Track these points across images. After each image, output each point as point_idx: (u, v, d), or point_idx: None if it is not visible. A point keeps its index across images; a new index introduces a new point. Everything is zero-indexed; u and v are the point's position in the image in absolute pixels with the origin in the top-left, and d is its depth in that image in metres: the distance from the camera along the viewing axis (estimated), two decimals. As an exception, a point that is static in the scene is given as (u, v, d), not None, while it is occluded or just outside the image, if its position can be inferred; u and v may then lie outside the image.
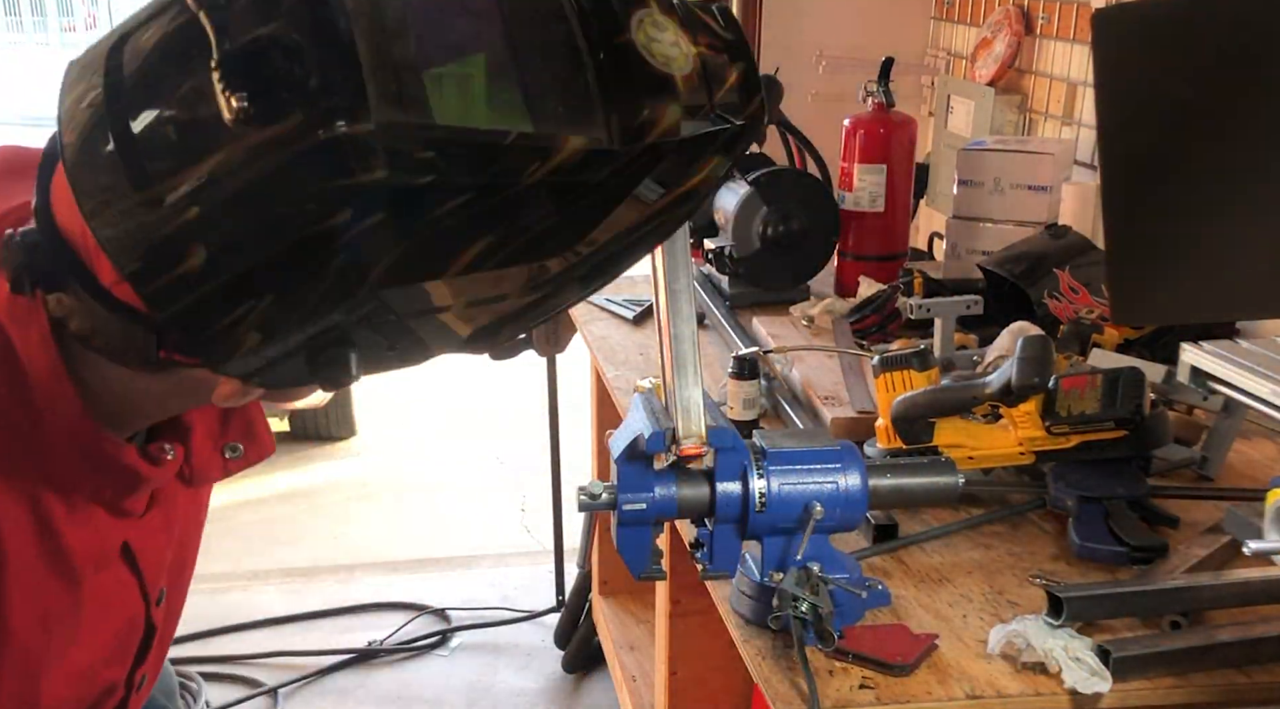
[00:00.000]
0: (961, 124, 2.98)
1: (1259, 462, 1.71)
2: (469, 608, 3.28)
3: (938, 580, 1.38)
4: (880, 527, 1.46)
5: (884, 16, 3.33)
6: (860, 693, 1.16)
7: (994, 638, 1.22)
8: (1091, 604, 1.25)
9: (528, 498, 3.93)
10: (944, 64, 3.24)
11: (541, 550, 3.43)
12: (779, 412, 1.84)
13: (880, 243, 2.41)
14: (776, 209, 2.31)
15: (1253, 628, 1.24)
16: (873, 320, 2.14)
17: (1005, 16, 2.83)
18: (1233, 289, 1.17)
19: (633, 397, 1.29)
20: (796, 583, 1.21)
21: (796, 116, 2.60)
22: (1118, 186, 1.15)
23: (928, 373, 1.56)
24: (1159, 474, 1.62)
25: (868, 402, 1.76)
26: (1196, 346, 1.56)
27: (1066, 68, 2.63)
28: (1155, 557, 1.39)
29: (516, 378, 4.26)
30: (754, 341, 2.06)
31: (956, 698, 1.16)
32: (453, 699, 2.96)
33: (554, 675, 3.05)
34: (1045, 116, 2.72)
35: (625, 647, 2.66)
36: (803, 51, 3.20)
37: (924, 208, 3.13)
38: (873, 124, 2.36)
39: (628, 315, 2.34)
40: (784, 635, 1.23)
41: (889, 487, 1.26)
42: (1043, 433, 1.50)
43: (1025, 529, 1.51)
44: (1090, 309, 1.89)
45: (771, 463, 1.23)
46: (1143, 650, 1.19)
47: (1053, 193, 2.33)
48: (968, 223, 2.40)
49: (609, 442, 1.24)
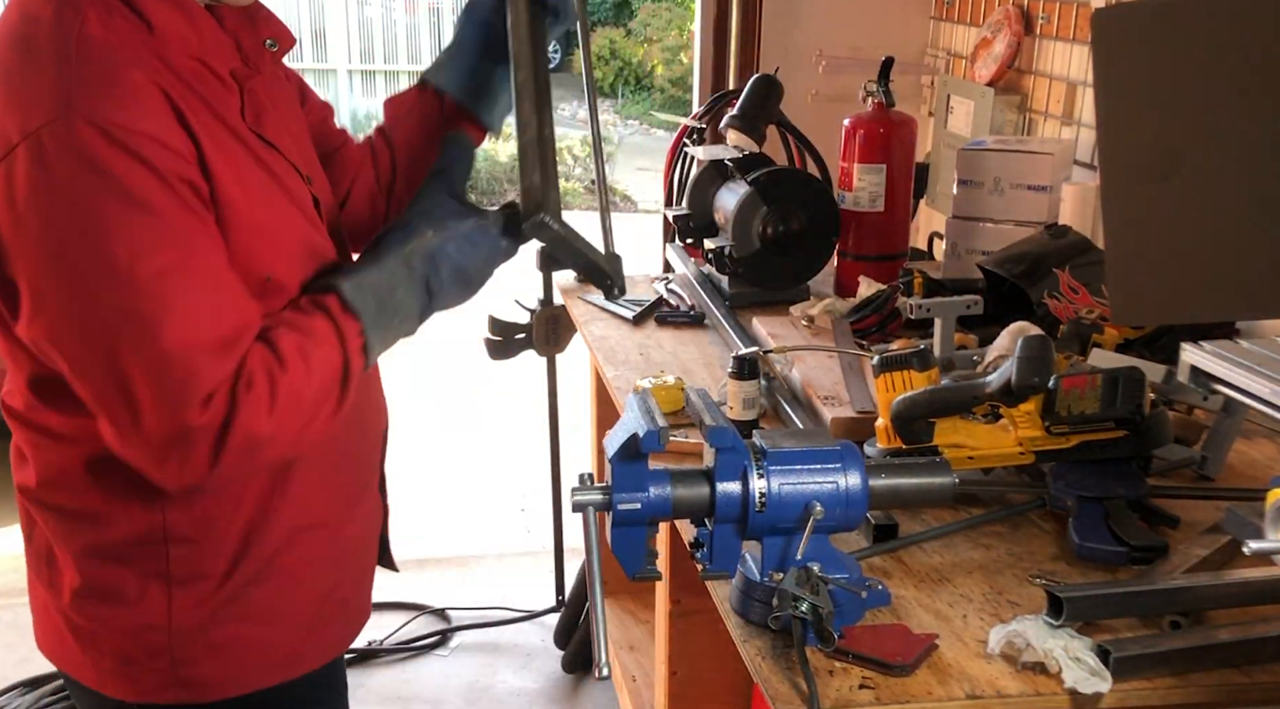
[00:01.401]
0: (961, 124, 2.98)
1: (1259, 462, 1.71)
2: (469, 608, 3.28)
3: (938, 580, 1.38)
4: (880, 527, 1.46)
5: (884, 16, 3.33)
6: (860, 693, 1.16)
7: (994, 638, 1.22)
8: (1091, 604, 1.25)
9: (528, 498, 3.93)
10: (944, 64, 3.24)
11: (541, 550, 3.43)
12: (779, 412, 1.84)
13: (880, 243, 2.41)
14: (776, 209, 2.31)
15: (1252, 628, 1.24)
16: (873, 320, 2.14)
17: (1005, 16, 2.83)
18: (1233, 289, 1.17)
19: (628, 396, 1.29)
20: (796, 583, 1.20)
21: (796, 116, 2.60)
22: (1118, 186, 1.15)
23: (928, 373, 1.56)
24: (1159, 474, 1.62)
25: (868, 402, 1.76)
26: (1196, 346, 1.56)
27: (1066, 68, 2.63)
28: (1155, 557, 1.39)
29: (516, 378, 4.26)
30: (754, 341, 2.06)
31: (956, 698, 1.16)
32: (452, 699, 2.96)
33: (554, 675, 3.05)
34: (1045, 116, 2.72)
35: (625, 647, 2.66)
36: (803, 51, 3.20)
37: (924, 208, 3.12)
38: (873, 124, 2.36)
39: (628, 315, 2.34)
40: (784, 635, 1.23)
41: (884, 487, 1.26)
42: (1043, 433, 1.50)
43: (1025, 529, 1.51)
44: (1090, 309, 1.89)
45: (771, 463, 1.23)
46: (1143, 650, 1.19)
47: (1053, 193, 2.33)
48: (968, 223, 2.40)
49: (605, 441, 1.24)
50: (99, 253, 1.02)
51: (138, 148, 1.02)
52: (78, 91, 1.02)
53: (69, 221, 1.01)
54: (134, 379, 1.05)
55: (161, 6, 1.12)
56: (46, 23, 1.06)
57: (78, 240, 1.02)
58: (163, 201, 1.04)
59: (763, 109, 2.46)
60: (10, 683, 2.90)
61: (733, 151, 2.43)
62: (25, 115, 1.02)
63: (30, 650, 1.37)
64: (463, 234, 1.22)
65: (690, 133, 2.73)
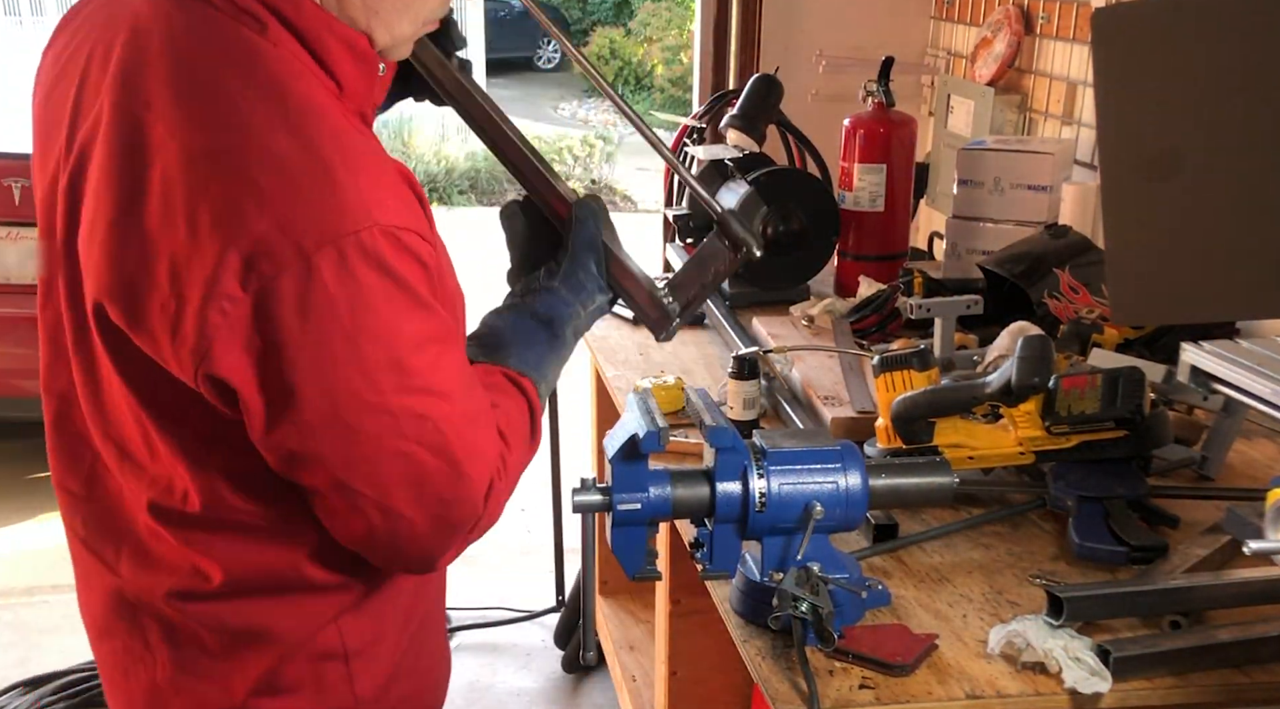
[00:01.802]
0: (961, 124, 2.98)
1: (1259, 462, 1.71)
2: (469, 608, 3.28)
3: (938, 580, 1.38)
4: (880, 527, 1.46)
5: (884, 16, 3.32)
6: (860, 693, 1.16)
7: (994, 638, 1.22)
8: (1091, 604, 1.25)
9: (528, 498, 3.93)
10: (944, 64, 3.24)
11: (541, 550, 3.42)
12: (779, 412, 1.84)
13: (880, 243, 2.41)
14: (776, 209, 2.31)
15: (1253, 628, 1.24)
16: (873, 320, 2.14)
17: (1005, 16, 2.83)
18: (1233, 289, 1.17)
19: (628, 396, 1.29)
20: (796, 583, 1.20)
21: (796, 116, 2.60)
22: (1118, 186, 1.15)
23: (928, 373, 1.56)
24: (1159, 474, 1.62)
25: (868, 402, 1.76)
26: (1196, 346, 1.56)
27: (1066, 68, 2.63)
28: (1155, 557, 1.39)
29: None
30: (754, 341, 2.06)
31: (956, 698, 1.16)
32: (453, 699, 2.95)
33: (554, 675, 3.05)
34: (1045, 116, 2.72)
35: (625, 647, 2.66)
36: (803, 51, 3.20)
37: (924, 208, 3.12)
38: (873, 124, 2.36)
39: (628, 315, 2.34)
40: (784, 635, 1.23)
41: (884, 487, 1.26)
42: (1043, 433, 1.50)
43: (1025, 529, 1.51)
44: (1090, 309, 1.89)
45: (771, 463, 1.23)
46: (1143, 650, 1.19)
47: (1053, 193, 2.33)
48: (968, 223, 2.40)
49: (605, 441, 1.24)
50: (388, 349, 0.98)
51: (415, 248, 0.99)
52: (369, 198, 0.96)
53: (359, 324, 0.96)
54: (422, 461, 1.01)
55: (346, 59, 1.05)
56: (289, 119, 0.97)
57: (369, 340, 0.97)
58: (430, 294, 1.01)
59: (763, 109, 2.46)
60: (10, 683, 2.90)
61: (733, 151, 2.43)
62: (319, 223, 0.94)
63: (30, 650, 1.36)
64: (600, 307, 1.23)
65: (690, 133, 2.73)
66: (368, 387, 0.97)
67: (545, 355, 1.18)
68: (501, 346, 1.16)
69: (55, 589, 3.26)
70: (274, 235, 0.92)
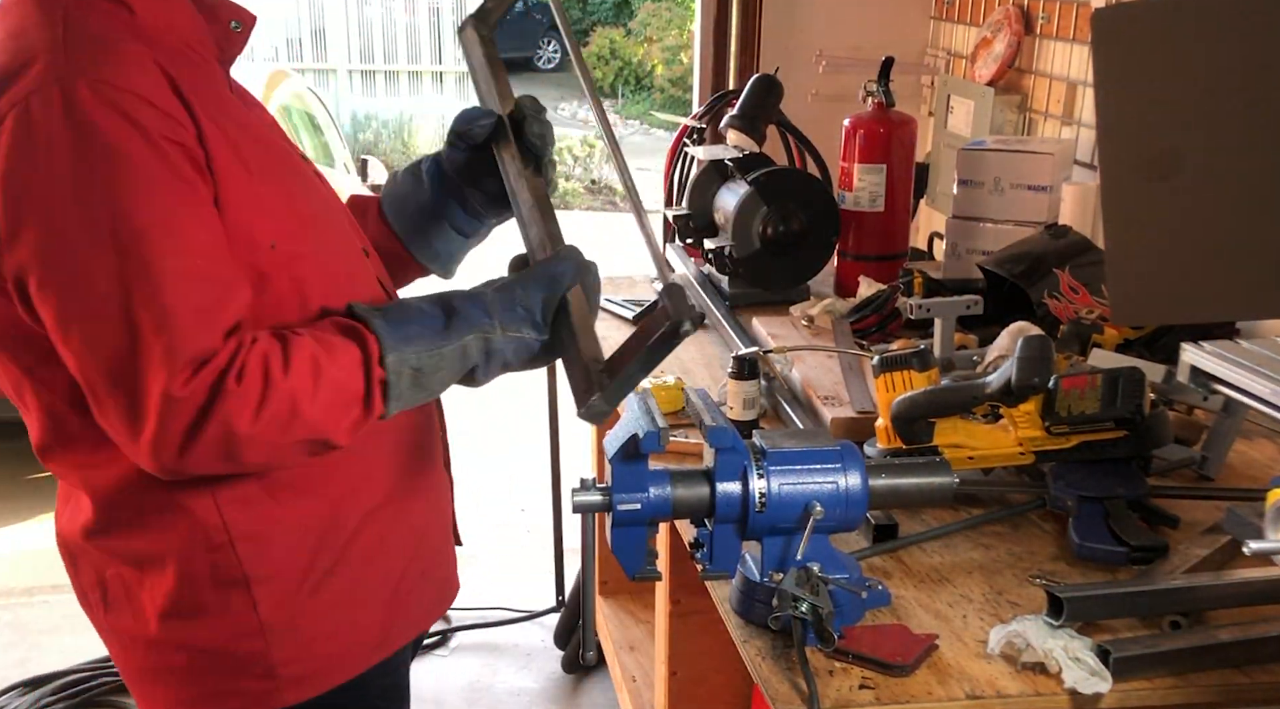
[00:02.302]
0: (961, 124, 2.98)
1: (1259, 462, 1.71)
2: (469, 608, 3.28)
3: (938, 580, 1.38)
4: (880, 527, 1.46)
5: (884, 16, 3.33)
6: (860, 693, 1.16)
7: (994, 638, 1.22)
8: (1091, 604, 1.25)
9: (528, 498, 3.93)
10: (944, 64, 3.24)
11: (541, 550, 3.42)
12: (779, 412, 1.84)
13: (880, 243, 2.41)
14: (776, 209, 2.31)
15: (1253, 628, 1.23)
16: (873, 320, 2.14)
17: (1005, 16, 2.83)
18: (1233, 289, 1.17)
19: (628, 396, 1.29)
20: (796, 583, 1.20)
21: (796, 116, 2.60)
22: (1118, 186, 1.15)
23: (928, 373, 1.56)
24: (1159, 474, 1.62)
25: (868, 402, 1.76)
26: (1196, 346, 1.56)
27: (1066, 68, 2.63)
28: (1155, 557, 1.39)
29: (516, 378, 4.25)
30: (754, 341, 2.06)
31: (956, 698, 1.16)
32: (452, 699, 2.96)
33: (554, 675, 3.05)
34: (1045, 116, 2.72)
35: (625, 647, 2.66)
36: (803, 51, 3.20)
37: (924, 208, 3.12)
38: (873, 124, 2.36)
39: (628, 315, 2.34)
40: (784, 635, 1.23)
41: (884, 487, 1.26)
42: (1043, 433, 1.50)
43: (1025, 529, 1.51)
44: (1090, 309, 1.89)
45: (771, 463, 1.23)
46: (1143, 650, 1.19)
47: (1053, 193, 2.33)
48: (968, 223, 2.40)
49: (605, 442, 1.24)
50: (86, 209, 1.03)
51: (127, 107, 1.04)
52: (73, 57, 1.04)
53: (61, 177, 1.03)
54: (117, 337, 1.04)
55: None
56: (32, 15, 1.09)
57: (67, 199, 1.03)
58: (147, 160, 1.04)
59: (763, 109, 2.46)
60: (10, 683, 2.90)
61: (733, 151, 2.43)
62: (16, 84, 1.04)
63: (30, 650, 1.37)
64: (526, 342, 1.20)
65: (690, 133, 2.73)
66: (66, 241, 1.04)
67: (422, 337, 1.16)
68: (389, 312, 1.17)
69: (55, 589, 3.26)
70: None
